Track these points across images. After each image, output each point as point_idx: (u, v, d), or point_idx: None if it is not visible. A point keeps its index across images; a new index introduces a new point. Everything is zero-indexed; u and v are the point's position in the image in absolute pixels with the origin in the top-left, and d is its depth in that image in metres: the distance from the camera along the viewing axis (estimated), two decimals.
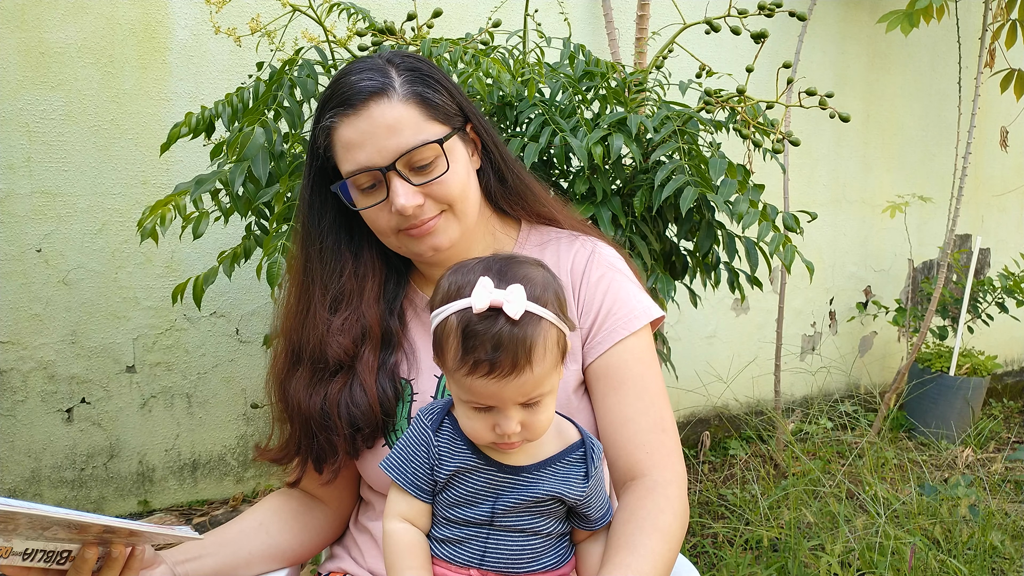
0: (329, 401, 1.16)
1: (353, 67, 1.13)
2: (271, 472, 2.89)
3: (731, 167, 1.84)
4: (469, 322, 0.92)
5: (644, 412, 1.14)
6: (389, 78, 1.11)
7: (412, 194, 1.09)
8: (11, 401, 2.50)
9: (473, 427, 0.98)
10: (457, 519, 1.02)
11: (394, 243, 1.16)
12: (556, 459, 1.03)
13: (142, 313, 2.62)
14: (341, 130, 1.11)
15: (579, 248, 1.23)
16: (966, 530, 2.48)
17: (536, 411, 0.96)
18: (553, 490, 1.01)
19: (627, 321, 1.17)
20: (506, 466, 1.01)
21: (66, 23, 2.39)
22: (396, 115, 1.09)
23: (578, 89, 1.93)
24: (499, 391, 0.92)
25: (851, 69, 3.89)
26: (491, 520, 1.01)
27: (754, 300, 3.76)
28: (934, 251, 4.35)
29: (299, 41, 1.98)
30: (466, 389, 0.94)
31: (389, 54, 1.16)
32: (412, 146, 1.08)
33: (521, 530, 1.01)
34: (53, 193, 2.45)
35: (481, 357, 0.91)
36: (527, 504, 1.01)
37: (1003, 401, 4.56)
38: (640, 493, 1.08)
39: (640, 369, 1.16)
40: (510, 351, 0.91)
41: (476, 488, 1.01)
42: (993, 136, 4.31)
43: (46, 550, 0.88)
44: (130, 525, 0.92)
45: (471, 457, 1.01)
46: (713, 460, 3.49)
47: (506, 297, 0.92)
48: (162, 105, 2.54)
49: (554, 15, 2.65)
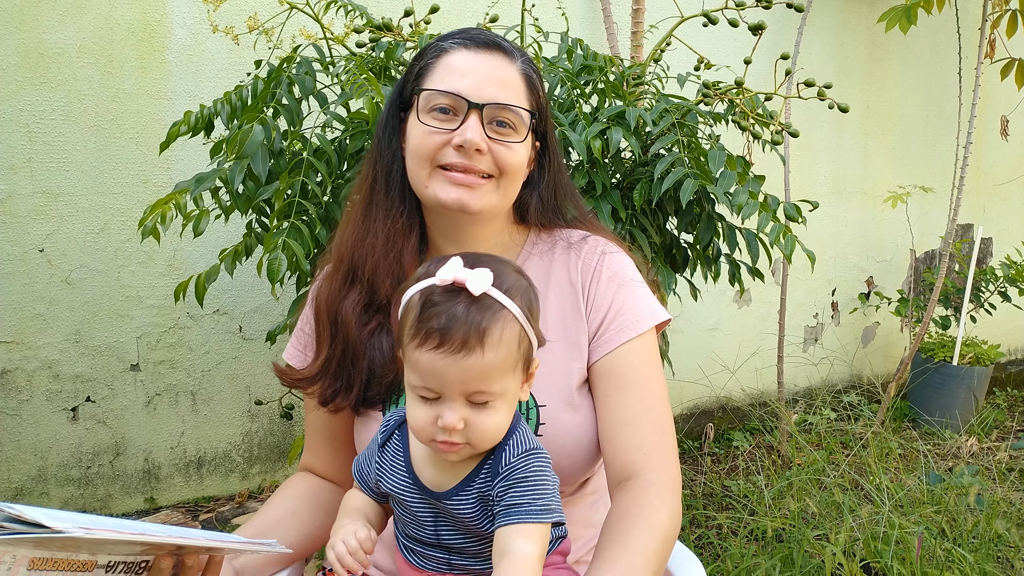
0: (364, 335, 1.17)
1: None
2: (276, 468, 2.90)
3: (730, 159, 1.84)
4: (431, 295, 0.92)
5: (645, 414, 1.14)
6: (515, 50, 1.17)
7: (482, 137, 1.11)
8: (16, 400, 2.51)
9: (417, 417, 0.94)
10: (413, 537, 1.03)
11: (425, 177, 1.14)
12: (472, 477, 0.98)
13: (145, 311, 2.63)
14: (454, 55, 1.14)
15: (588, 250, 1.23)
16: (971, 519, 2.48)
17: (483, 412, 0.93)
18: (474, 519, 0.97)
19: (635, 322, 1.18)
20: (429, 491, 0.99)
21: (65, 23, 2.39)
22: (508, 74, 1.14)
23: (576, 83, 1.93)
24: (445, 371, 0.90)
25: (851, 60, 3.88)
26: (439, 542, 1.01)
27: (756, 292, 3.76)
28: (936, 241, 4.35)
29: (297, 39, 1.99)
30: (414, 366, 0.92)
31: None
32: (508, 102, 1.12)
33: (478, 556, 1.01)
34: (55, 193, 2.46)
35: (433, 327, 0.90)
36: (466, 528, 0.99)
37: (1007, 390, 4.56)
38: (635, 492, 1.08)
39: (645, 371, 1.17)
40: (463, 327, 0.89)
41: (415, 511, 1.01)
42: (994, 125, 4.30)
43: (127, 561, 0.88)
44: (211, 543, 0.89)
45: (404, 478, 1.01)
46: (717, 451, 3.49)
47: (470, 275, 0.91)
48: (162, 104, 2.54)
49: (552, 9, 2.65)
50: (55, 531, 0.70)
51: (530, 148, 1.20)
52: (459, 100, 1.11)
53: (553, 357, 1.16)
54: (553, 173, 1.26)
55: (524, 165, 1.18)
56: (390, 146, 1.20)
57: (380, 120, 1.23)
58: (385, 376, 1.16)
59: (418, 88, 1.14)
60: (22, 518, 0.70)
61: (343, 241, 1.22)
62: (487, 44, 1.15)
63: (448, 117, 1.12)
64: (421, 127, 1.13)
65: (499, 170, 1.14)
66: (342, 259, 1.21)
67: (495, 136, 1.12)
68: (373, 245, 1.18)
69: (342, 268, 1.21)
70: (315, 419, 1.28)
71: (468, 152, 1.10)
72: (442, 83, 1.12)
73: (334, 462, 1.30)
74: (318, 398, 1.20)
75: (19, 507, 0.71)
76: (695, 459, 3.40)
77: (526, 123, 1.15)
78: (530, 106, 1.16)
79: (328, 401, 1.19)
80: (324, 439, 1.30)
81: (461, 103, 1.11)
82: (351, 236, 1.21)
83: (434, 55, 1.15)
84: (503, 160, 1.13)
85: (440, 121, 1.12)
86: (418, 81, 1.16)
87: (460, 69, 1.12)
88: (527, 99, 1.16)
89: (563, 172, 1.29)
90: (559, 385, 1.16)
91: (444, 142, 1.11)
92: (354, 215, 1.22)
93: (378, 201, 1.20)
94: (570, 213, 1.30)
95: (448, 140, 1.11)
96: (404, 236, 1.19)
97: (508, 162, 1.13)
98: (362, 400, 1.18)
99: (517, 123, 1.14)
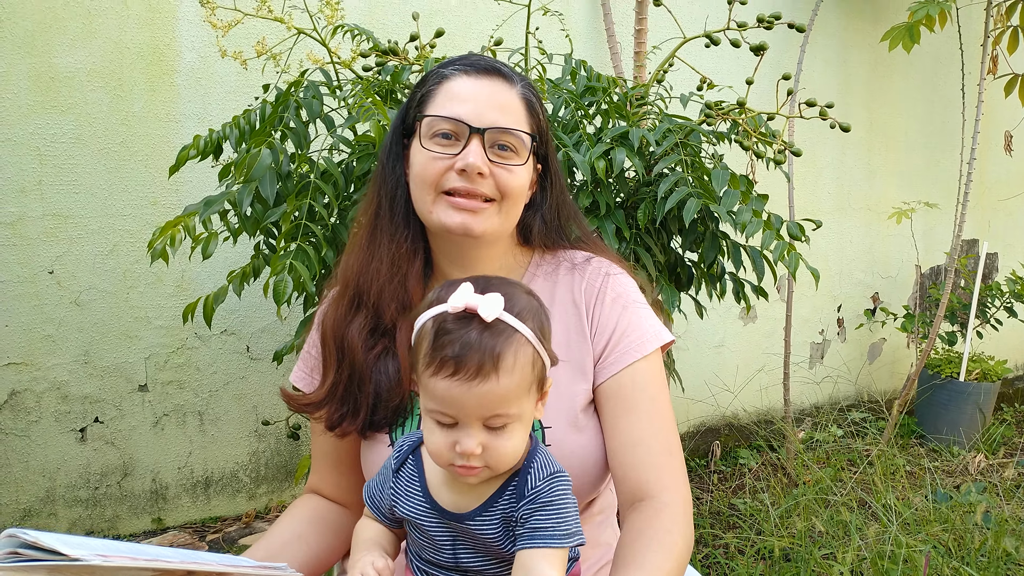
0: (370, 360, 1.18)
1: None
2: (284, 488, 2.90)
3: (734, 178, 1.85)
4: (443, 322, 0.93)
5: (655, 435, 1.15)
6: (514, 74, 1.19)
7: (484, 161, 1.12)
8: (25, 421, 2.53)
9: (435, 443, 0.94)
10: (429, 561, 1.04)
11: (429, 203, 1.15)
12: (495, 498, 0.99)
13: (153, 332, 2.64)
14: (455, 82, 1.16)
15: (592, 272, 1.24)
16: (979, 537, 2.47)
17: (500, 436, 0.93)
18: (496, 539, 0.98)
19: (640, 344, 1.19)
20: (449, 513, 1.00)
21: (75, 48, 2.43)
22: (508, 98, 1.16)
23: (580, 104, 1.95)
24: (461, 397, 0.90)
25: (854, 77, 3.90)
26: (457, 566, 1.01)
27: (761, 309, 3.77)
28: (941, 257, 4.35)
29: (304, 63, 2.01)
30: (430, 394, 0.93)
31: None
32: (509, 126, 1.14)
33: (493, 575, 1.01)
34: (64, 215, 2.48)
35: (448, 355, 0.90)
36: (485, 550, 1.00)
37: (1014, 406, 4.54)
38: (648, 514, 1.09)
39: (652, 392, 1.18)
40: (477, 354, 0.90)
41: (432, 534, 1.01)
42: (997, 141, 4.31)
43: None
44: (222, 567, 0.90)
45: (422, 501, 1.01)
46: (723, 470, 3.48)
47: (481, 301, 0.92)
48: (171, 127, 2.57)
49: (556, 31, 2.67)
50: (72, 558, 0.71)
51: (531, 171, 1.21)
52: (461, 125, 1.12)
53: (558, 379, 1.16)
54: (555, 195, 1.27)
55: (526, 188, 1.19)
56: (394, 172, 1.22)
57: (384, 146, 1.24)
58: (391, 400, 1.17)
59: (420, 114, 1.16)
60: (38, 544, 0.71)
61: (348, 266, 1.23)
62: (487, 70, 1.17)
63: (450, 142, 1.13)
64: (424, 152, 1.14)
65: (501, 193, 1.15)
66: (348, 284, 1.22)
67: (497, 160, 1.14)
68: (378, 270, 1.19)
69: (347, 293, 1.22)
70: (322, 443, 1.29)
71: (470, 176, 1.12)
72: (444, 109, 1.14)
73: (340, 484, 1.31)
74: (325, 423, 1.21)
75: (35, 533, 0.72)
76: (702, 477, 3.39)
77: (527, 146, 1.16)
78: (531, 129, 1.18)
79: (335, 425, 1.20)
80: (331, 462, 1.30)
81: (463, 128, 1.12)
82: (356, 261, 1.22)
83: (435, 82, 1.17)
84: (504, 183, 1.15)
85: (442, 146, 1.13)
86: (420, 108, 1.18)
87: (461, 95, 1.14)
88: (527, 123, 1.18)
89: (565, 193, 1.30)
90: (564, 407, 1.16)
91: (447, 167, 1.13)
92: (359, 240, 1.24)
93: (382, 226, 1.21)
94: (573, 234, 1.31)
95: (451, 165, 1.12)
96: (408, 261, 1.20)
97: (510, 185, 1.15)
98: (369, 424, 1.19)
99: (518, 146, 1.16)
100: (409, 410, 1.19)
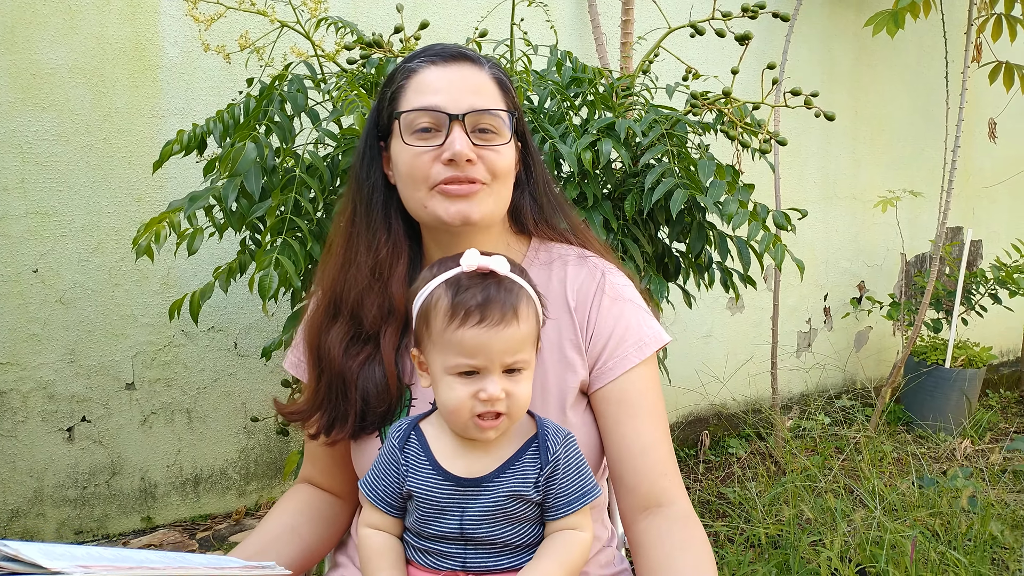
0: (354, 368, 1.17)
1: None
2: (273, 484, 2.90)
3: (720, 168, 1.86)
4: (460, 280, 1.01)
5: (661, 440, 1.16)
6: (480, 57, 1.18)
7: (469, 147, 1.11)
8: (12, 422, 2.51)
9: (456, 398, 0.99)
10: (432, 534, 1.04)
11: (423, 199, 1.13)
12: (512, 461, 1.03)
13: (140, 330, 2.63)
14: (423, 74, 1.14)
15: (588, 272, 1.23)
16: (965, 521, 2.49)
17: (518, 382, 1.00)
18: (511, 490, 1.01)
19: (639, 348, 1.18)
20: (465, 479, 1.02)
21: (56, 43, 2.40)
22: (480, 81, 1.15)
23: (566, 96, 1.95)
24: (489, 342, 0.97)
25: (838, 66, 3.91)
26: (462, 534, 1.02)
27: (749, 298, 3.78)
28: (926, 244, 4.38)
29: (288, 56, 2.00)
30: (455, 347, 0.98)
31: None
32: (487, 107, 1.13)
33: (496, 543, 1.02)
34: (48, 213, 2.46)
35: (472, 305, 0.98)
36: (494, 515, 1.02)
37: (999, 391, 4.59)
38: (677, 526, 1.11)
39: (653, 396, 1.18)
40: (498, 303, 0.99)
41: (442, 503, 1.02)
42: (981, 128, 4.34)
43: None
44: (210, 570, 0.89)
45: (433, 473, 1.03)
46: (712, 459, 3.50)
47: (491, 260, 1.01)
48: (154, 122, 2.55)
49: (540, 23, 2.67)
50: (52, 572, 0.69)
51: (515, 149, 1.20)
52: (439, 115, 1.11)
53: (547, 375, 1.17)
54: (539, 172, 1.27)
55: (513, 166, 1.19)
56: (369, 176, 1.20)
57: (357, 150, 1.23)
58: (379, 406, 1.16)
59: (396, 112, 1.14)
60: (19, 557, 0.69)
61: (325, 275, 1.23)
62: (454, 56, 1.15)
63: (431, 135, 1.12)
64: (408, 149, 1.12)
65: (492, 175, 1.14)
66: (324, 292, 1.22)
67: (481, 143, 1.12)
68: (356, 277, 1.18)
69: (324, 301, 1.22)
70: (313, 444, 1.28)
71: (459, 164, 1.10)
72: (418, 102, 1.12)
73: (335, 475, 1.30)
74: (314, 432, 1.21)
75: (15, 545, 0.70)
76: (691, 467, 3.41)
77: (508, 125, 1.15)
78: (507, 107, 1.17)
79: (325, 433, 1.19)
80: (324, 455, 1.30)
81: (442, 118, 1.11)
82: (332, 268, 1.22)
83: (404, 77, 1.15)
84: (493, 164, 1.13)
85: (425, 140, 1.12)
86: (393, 106, 1.16)
87: (433, 85, 1.13)
88: (503, 101, 1.16)
89: (547, 174, 1.30)
90: (553, 404, 1.16)
91: (433, 159, 1.11)
92: (335, 248, 1.23)
93: (359, 232, 1.20)
94: (562, 224, 1.31)
95: (437, 156, 1.11)
96: (390, 265, 1.18)
97: (498, 165, 1.14)
98: (360, 428, 1.18)
99: (499, 126, 1.15)
100: (398, 414, 1.19)
